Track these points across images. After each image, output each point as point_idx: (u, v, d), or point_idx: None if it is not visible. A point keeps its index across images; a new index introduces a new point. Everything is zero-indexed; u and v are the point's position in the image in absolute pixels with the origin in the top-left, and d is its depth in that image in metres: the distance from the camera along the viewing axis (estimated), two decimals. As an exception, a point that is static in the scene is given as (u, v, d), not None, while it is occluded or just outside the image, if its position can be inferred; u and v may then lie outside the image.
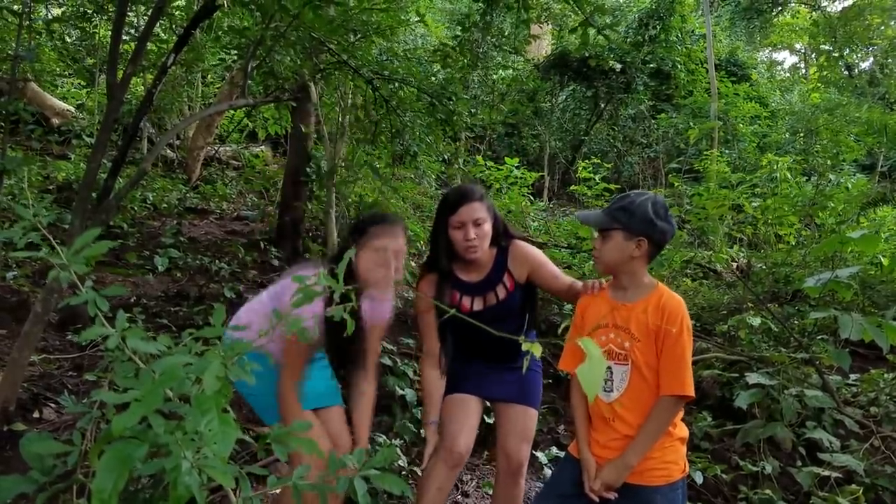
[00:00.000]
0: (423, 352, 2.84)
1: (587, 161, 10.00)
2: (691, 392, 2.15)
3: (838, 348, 3.69)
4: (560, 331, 2.34)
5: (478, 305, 2.75)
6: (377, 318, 2.69)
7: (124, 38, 6.15)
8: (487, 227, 2.67)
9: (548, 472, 3.78)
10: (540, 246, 7.55)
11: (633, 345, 2.20)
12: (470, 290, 2.76)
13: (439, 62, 5.91)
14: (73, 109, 10.58)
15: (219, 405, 1.23)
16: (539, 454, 3.85)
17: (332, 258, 2.60)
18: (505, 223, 2.81)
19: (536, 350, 1.26)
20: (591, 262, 5.53)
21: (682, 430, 2.28)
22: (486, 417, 3.52)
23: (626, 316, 2.24)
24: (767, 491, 3.45)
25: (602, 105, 14.71)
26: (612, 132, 15.27)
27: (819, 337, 4.98)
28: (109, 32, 4.80)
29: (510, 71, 13.85)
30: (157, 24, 4.83)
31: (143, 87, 9.48)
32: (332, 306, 2.30)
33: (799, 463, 3.73)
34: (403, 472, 3.46)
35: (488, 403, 3.01)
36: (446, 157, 8.37)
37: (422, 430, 3.79)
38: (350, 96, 7.22)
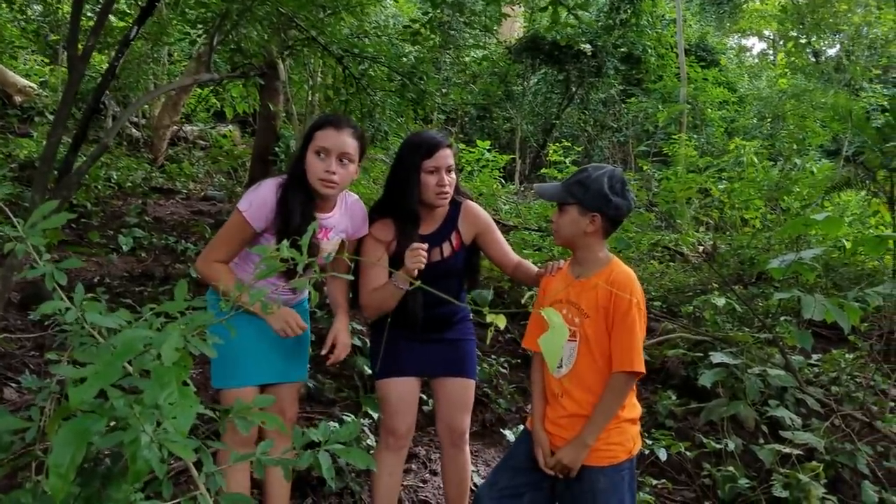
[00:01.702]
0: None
1: (558, 144, 10.03)
2: (639, 368, 2.12)
3: (801, 329, 3.75)
4: (524, 301, 2.32)
5: None
6: (357, 224, 2.63)
7: (88, 14, 6.02)
8: (454, 175, 2.62)
9: (515, 450, 3.80)
10: (511, 228, 7.59)
11: (583, 321, 2.20)
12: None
13: (409, 40, 5.85)
14: (35, 87, 10.34)
15: (179, 378, 1.21)
16: (507, 432, 3.87)
17: (289, 169, 2.51)
18: (458, 180, 2.73)
19: (501, 322, 1.22)
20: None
21: (632, 411, 2.26)
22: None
23: (578, 292, 2.24)
24: (730, 468, 3.52)
25: (573, 89, 14.75)
26: (583, 116, 15.32)
27: (782, 318, 5.06)
28: (71, 6, 4.68)
29: (482, 51, 13.79)
30: (121, -2, 4.72)
31: (107, 64, 9.30)
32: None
33: (761, 440, 3.79)
34: (372, 452, 3.46)
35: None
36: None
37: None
38: (319, 74, 7.14)
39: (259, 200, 2.38)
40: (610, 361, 2.17)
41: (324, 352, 2.52)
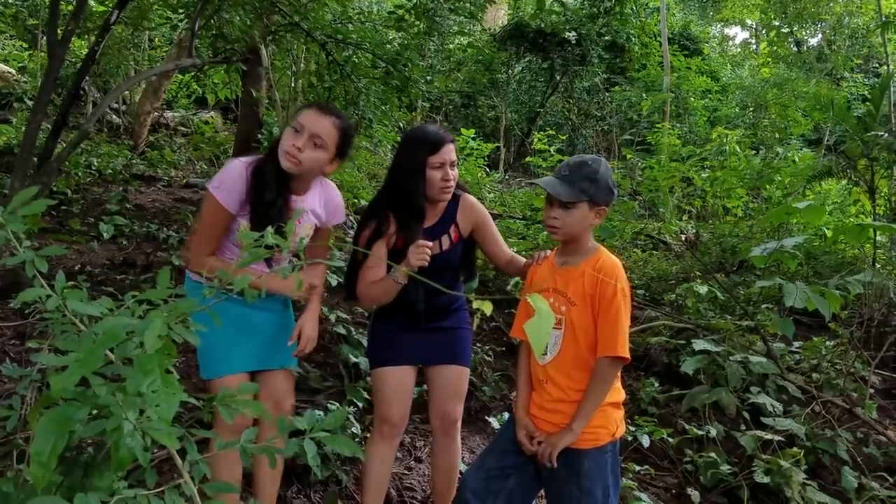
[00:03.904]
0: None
1: (542, 133, 10.03)
2: (624, 353, 2.14)
3: (782, 316, 3.79)
4: (509, 288, 2.32)
5: None
6: (331, 212, 2.62)
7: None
8: (456, 170, 2.64)
9: (500, 437, 3.82)
10: (495, 217, 7.58)
11: (570, 309, 2.22)
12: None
13: (393, 26, 5.82)
14: (13, 72, 10.20)
15: (162, 365, 1.19)
16: (491, 419, 3.89)
17: (268, 150, 2.49)
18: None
19: (487, 308, 1.21)
20: (545, 233, 5.56)
21: (615, 395, 2.28)
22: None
23: (566, 280, 2.26)
24: (712, 454, 3.55)
25: (557, 77, 14.74)
26: (567, 104, 15.33)
27: (764, 305, 5.11)
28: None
29: (467, 38, 13.75)
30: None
31: (87, 50, 9.17)
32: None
33: (743, 427, 3.83)
34: (357, 440, 3.46)
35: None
36: (402, 126, 8.30)
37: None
38: (303, 61, 7.08)
39: (229, 179, 2.36)
40: (594, 350, 2.19)
41: (289, 343, 2.53)
